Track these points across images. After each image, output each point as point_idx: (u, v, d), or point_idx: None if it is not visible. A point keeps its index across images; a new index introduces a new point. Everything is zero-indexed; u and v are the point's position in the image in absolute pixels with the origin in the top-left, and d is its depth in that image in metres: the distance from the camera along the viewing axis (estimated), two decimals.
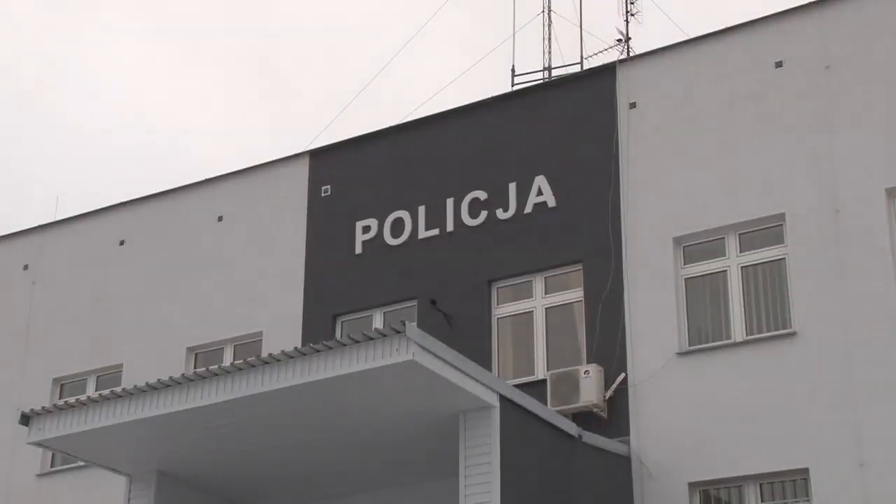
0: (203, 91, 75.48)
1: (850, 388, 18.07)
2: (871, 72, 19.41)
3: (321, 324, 22.66)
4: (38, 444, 18.82)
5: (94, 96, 74.77)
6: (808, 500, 18.06)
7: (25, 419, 18.48)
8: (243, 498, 20.57)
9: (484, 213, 21.89)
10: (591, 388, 19.46)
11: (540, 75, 24.42)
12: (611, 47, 24.19)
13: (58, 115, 75.52)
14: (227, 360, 23.01)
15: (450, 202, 22.27)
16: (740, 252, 19.84)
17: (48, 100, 75.22)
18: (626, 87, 21.43)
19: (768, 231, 19.67)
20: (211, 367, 17.73)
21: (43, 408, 18.54)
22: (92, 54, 75.65)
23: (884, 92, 19.21)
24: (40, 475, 24.50)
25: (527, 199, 21.58)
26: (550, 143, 21.78)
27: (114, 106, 74.38)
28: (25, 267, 26.81)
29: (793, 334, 18.74)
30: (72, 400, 18.73)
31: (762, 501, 18.52)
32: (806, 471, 18.00)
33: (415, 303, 22.16)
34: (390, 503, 19.87)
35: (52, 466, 24.51)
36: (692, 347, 19.58)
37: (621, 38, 24.24)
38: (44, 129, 74.99)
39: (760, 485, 18.53)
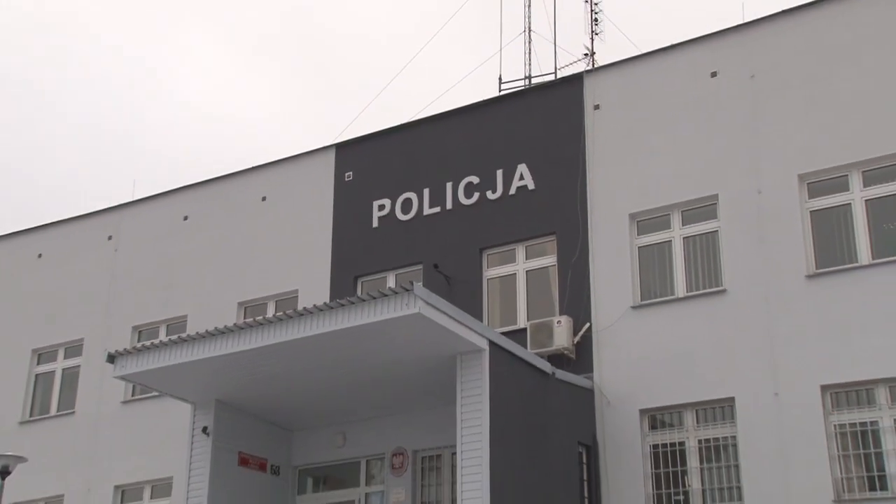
0: (256, 91, 75.16)
1: (767, 334, 18.31)
2: (788, 80, 19.46)
3: (345, 283, 22.74)
4: (122, 378, 19.21)
5: (165, 95, 74.51)
6: (733, 422, 18.26)
7: (111, 358, 18.84)
8: (283, 421, 20.76)
9: (476, 194, 21.99)
10: (562, 335, 19.67)
11: (522, 83, 24.28)
12: (579, 60, 24.22)
13: (135, 111, 75.48)
14: (270, 312, 23.03)
15: (449, 185, 22.35)
16: (682, 226, 19.90)
17: (129, 97, 75.02)
18: (592, 92, 21.43)
19: (705, 209, 19.73)
20: (257, 318, 18.05)
21: (125, 349, 18.97)
22: (166, 59, 75.39)
23: (797, 96, 19.28)
24: (124, 402, 24.60)
25: (511, 183, 21.66)
26: (530, 137, 21.84)
27: (182, 105, 74.06)
28: (109, 237, 26.68)
29: (723, 291, 18.96)
30: (147, 343, 19.07)
31: (697, 423, 18.70)
32: (732, 399, 18.29)
33: (420, 266, 22.11)
34: (401, 425, 20.09)
35: (132, 395, 24.53)
36: (643, 302, 19.75)
37: (587, 52, 24.27)
38: (122, 123, 74.84)
39: (696, 410, 18.73)
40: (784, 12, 19.96)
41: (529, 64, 24.90)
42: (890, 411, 17.27)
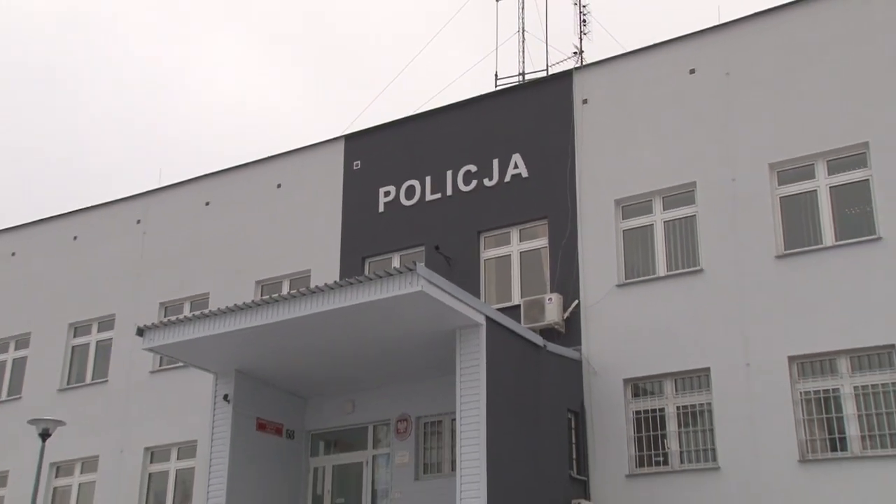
0: (273, 87, 75.17)
1: (739, 310, 18.39)
2: (759, 77, 19.49)
3: (353, 263, 22.71)
4: (150, 350, 19.25)
5: (191, 90, 74.62)
6: (709, 390, 18.37)
7: (140, 332, 18.93)
8: (297, 389, 20.76)
9: (474, 182, 21.97)
10: (553, 311, 19.74)
11: (516, 79, 24.31)
12: (569, 58, 24.40)
13: (163, 105, 75.53)
14: (285, 290, 23.13)
15: (449, 173, 22.33)
16: (663, 211, 19.92)
17: (157, 93, 75.09)
18: (580, 88, 21.41)
19: (684, 195, 19.75)
20: (273, 295, 18.10)
21: (152, 324, 19.04)
22: (193, 58, 75.44)
23: (768, 92, 19.31)
24: (152, 372, 24.72)
25: (506, 171, 21.64)
26: (524, 129, 21.80)
27: (205, 99, 74.14)
28: (138, 221, 26.65)
29: (700, 271, 19.01)
30: (173, 318, 19.13)
31: (676, 391, 18.80)
32: (708, 369, 18.43)
33: (423, 248, 22.04)
34: (405, 394, 20.08)
35: (159, 366, 24.57)
36: (627, 281, 19.76)
37: (576, 51, 24.43)
38: (150, 116, 74.85)
39: (675, 379, 18.83)
40: (756, 14, 19.98)
41: (523, 62, 25.07)
42: (850, 379, 17.40)
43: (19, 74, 72.92)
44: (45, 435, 20.73)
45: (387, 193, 23.04)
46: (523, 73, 24.52)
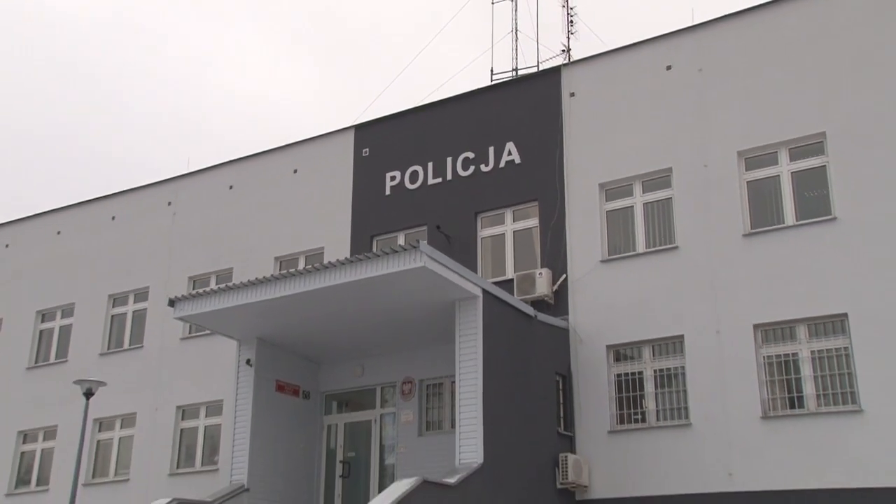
0: (289, 81, 75.21)
1: (710, 283, 18.47)
2: (729, 73, 19.45)
3: (363, 241, 22.69)
4: (180, 319, 19.30)
5: (216, 84, 74.67)
6: (682, 355, 18.43)
7: (172, 303, 19.01)
8: (312, 354, 20.72)
9: (472, 167, 21.91)
10: (543, 284, 19.75)
11: (510, 74, 24.18)
12: (557, 55, 24.32)
13: (191, 98, 75.63)
14: (301, 265, 23.04)
15: (449, 159, 22.24)
16: (642, 193, 19.88)
17: (186, 88, 75.15)
18: (568, 82, 21.36)
19: (660, 179, 19.70)
20: (290, 270, 18.34)
21: (182, 295, 19.04)
22: (219, 55, 75.40)
23: (737, 86, 19.26)
24: (182, 339, 24.67)
25: (501, 157, 21.58)
26: (517, 120, 21.73)
27: (228, 92, 74.24)
28: (169, 203, 26.56)
29: (675, 248, 19.03)
30: (200, 290, 19.02)
31: (653, 356, 18.86)
32: (682, 336, 18.48)
33: (425, 227, 22.02)
34: (409, 359, 20.11)
35: (189, 333, 24.52)
36: (610, 257, 19.73)
37: (565, 49, 24.33)
38: (180, 108, 75.00)
39: (652, 346, 18.88)
40: (726, 16, 19.92)
41: (516, 58, 24.97)
42: (808, 345, 17.48)
43: (65, 71, 73.24)
44: (88, 394, 20.91)
45: (393, 178, 22.97)
46: (516, 69, 24.46)
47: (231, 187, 25.73)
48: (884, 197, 17.34)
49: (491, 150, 21.85)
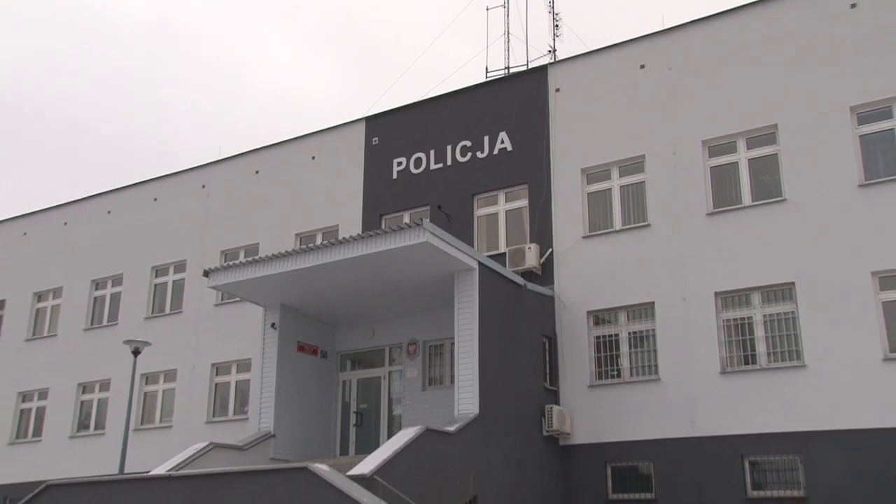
0: (309, 78, 75.24)
1: (678, 256, 18.56)
2: (695, 71, 19.44)
3: (372, 219, 22.73)
4: (213, 288, 19.27)
5: (245, 82, 74.76)
6: (653, 319, 18.53)
7: (206, 273, 19.05)
8: (329, 319, 20.78)
9: (469, 154, 21.91)
10: (532, 257, 19.83)
11: (502, 72, 24.03)
12: (544, 55, 24.05)
13: (221, 93, 75.66)
14: (318, 240, 23.02)
15: (449, 147, 22.23)
16: (619, 177, 19.87)
17: (218, 85, 75.08)
18: (554, 79, 21.33)
19: (635, 165, 19.74)
20: (308, 245, 18.27)
21: (215, 267, 19.11)
22: (249, 55, 75.31)
23: (702, 83, 19.26)
24: (216, 305, 24.76)
25: (495, 145, 21.58)
26: (509, 112, 21.66)
27: (255, 88, 74.36)
28: (203, 186, 26.59)
29: (648, 225, 19.10)
30: (231, 263, 19.03)
31: (628, 320, 18.95)
32: (652, 303, 18.61)
33: (428, 207, 22.02)
34: (414, 323, 20.13)
35: (221, 300, 24.51)
36: (590, 233, 19.79)
37: (551, 49, 24.06)
38: (212, 102, 75.07)
39: (627, 311, 18.98)
40: (693, 21, 19.90)
41: (508, 58, 24.70)
42: (760, 310, 17.59)
43: (122, 68, 73.38)
44: (136, 352, 21.19)
45: (399, 163, 22.95)
46: (508, 67, 24.23)
47: (257, 172, 25.68)
48: (827, 181, 17.43)
49: (486, 138, 21.81)
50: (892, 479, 15.52)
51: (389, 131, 23.58)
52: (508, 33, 24.64)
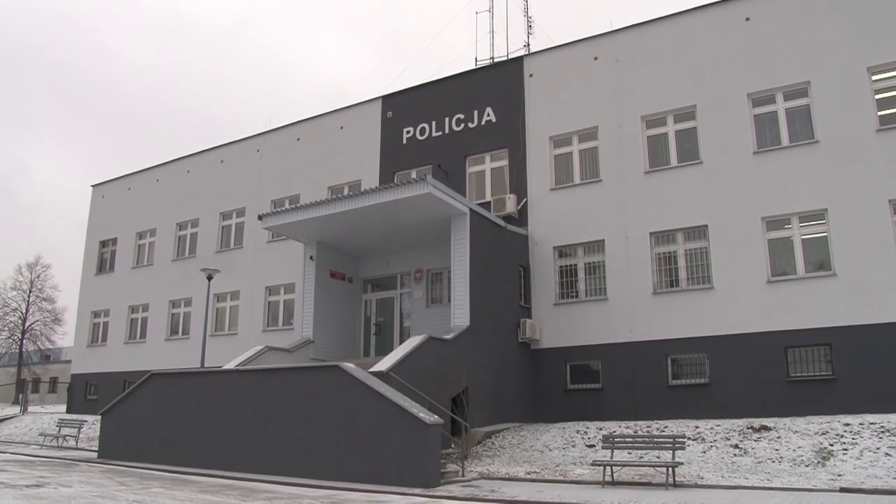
0: (340, 63, 74.32)
1: (622, 205, 18.49)
2: (636, 62, 19.17)
3: (387, 175, 22.52)
4: (266, 229, 19.27)
5: (294, 67, 73.82)
6: (604, 254, 18.50)
7: (260, 217, 18.99)
8: (354, 252, 20.66)
9: (462, 125, 21.66)
10: (511, 205, 19.79)
11: (488, 61, 23.65)
12: (521, 48, 23.49)
13: (276, 77, 74.69)
14: (345, 192, 22.79)
15: (446, 119, 21.98)
16: (578, 143, 19.71)
17: (274, 70, 74.05)
18: (528, 67, 21.10)
19: (590, 133, 19.57)
20: (338, 195, 17.97)
21: (267, 213, 19.11)
22: (296, 45, 74.15)
23: (642, 72, 19.00)
24: (268, 241, 24.67)
25: (483, 118, 21.36)
26: (493, 92, 21.39)
27: (301, 72, 73.53)
28: (258, 150, 26.40)
29: (600, 181, 19.04)
30: (279, 209, 18.87)
31: (584, 254, 18.96)
32: (603, 240, 18.65)
33: (430, 166, 21.83)
34: (420, 255, 20.11)
35: (272, 238, 24.41)
36: (557, 186, 19.70)
37: (526, 44, 23.56)
38: (266, 81, 74.19)
39: (584, 247, 18.99)
40: (635, 24, 19.67)
41: (493, 50, 24.36)
42: (682, 246, 17.75)
43: (200, 59, 72.53)
44: (209, 277, 21.32)
45: (408, 132, 22.75)
46: (493, 57, 23.93)
47: (298, 139, 25.51)
48: (731, 149, 17.47)
49: (475, 112, 21.62)
50: (772, 366, 15.85)
51: (401, 107, 23.27)
52: (493, 32, 24.27)
